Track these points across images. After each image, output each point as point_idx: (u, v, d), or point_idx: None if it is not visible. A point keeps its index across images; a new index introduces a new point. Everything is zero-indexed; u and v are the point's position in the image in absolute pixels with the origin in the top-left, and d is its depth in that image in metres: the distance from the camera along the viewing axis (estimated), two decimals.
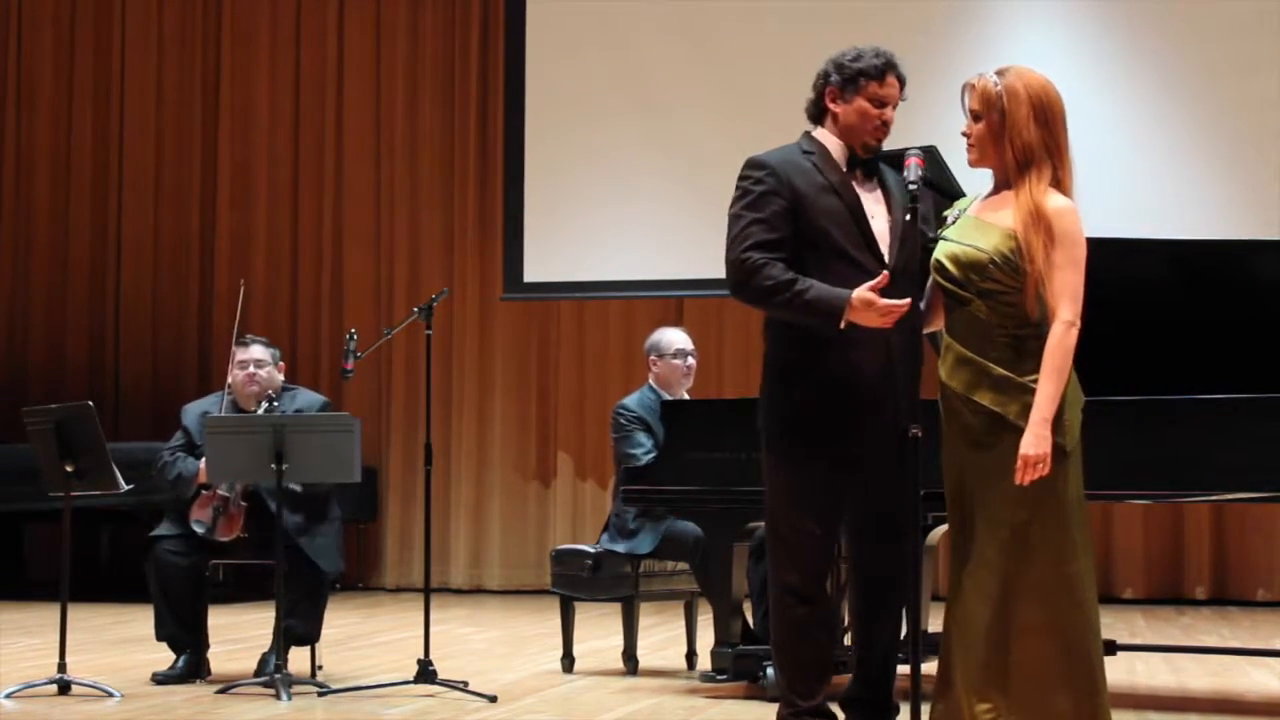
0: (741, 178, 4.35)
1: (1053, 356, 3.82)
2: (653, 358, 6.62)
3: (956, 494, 3.98)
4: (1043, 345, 3.85)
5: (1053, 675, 3.83)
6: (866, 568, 4.41)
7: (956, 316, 3.98)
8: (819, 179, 4.29)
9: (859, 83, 4.29)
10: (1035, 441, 3.78)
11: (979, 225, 3.95)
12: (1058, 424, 3.82)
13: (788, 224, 4.25)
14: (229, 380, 6.36)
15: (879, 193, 4.35)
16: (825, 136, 4.37)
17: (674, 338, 6.63)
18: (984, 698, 3.84)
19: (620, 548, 6.35)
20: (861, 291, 4.08)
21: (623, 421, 6.42)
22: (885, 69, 4.29)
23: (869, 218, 4.29)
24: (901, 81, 4.32)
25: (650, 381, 6.61)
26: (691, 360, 6.61)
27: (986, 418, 3.88)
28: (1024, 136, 3.89)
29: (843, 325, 4.11)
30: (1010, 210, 3.91)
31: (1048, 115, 3.90)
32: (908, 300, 4.02)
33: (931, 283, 4.07)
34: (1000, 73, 3.95)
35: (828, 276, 4.20)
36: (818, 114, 4.40)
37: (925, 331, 4.20)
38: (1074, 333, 3.83)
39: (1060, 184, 3.90)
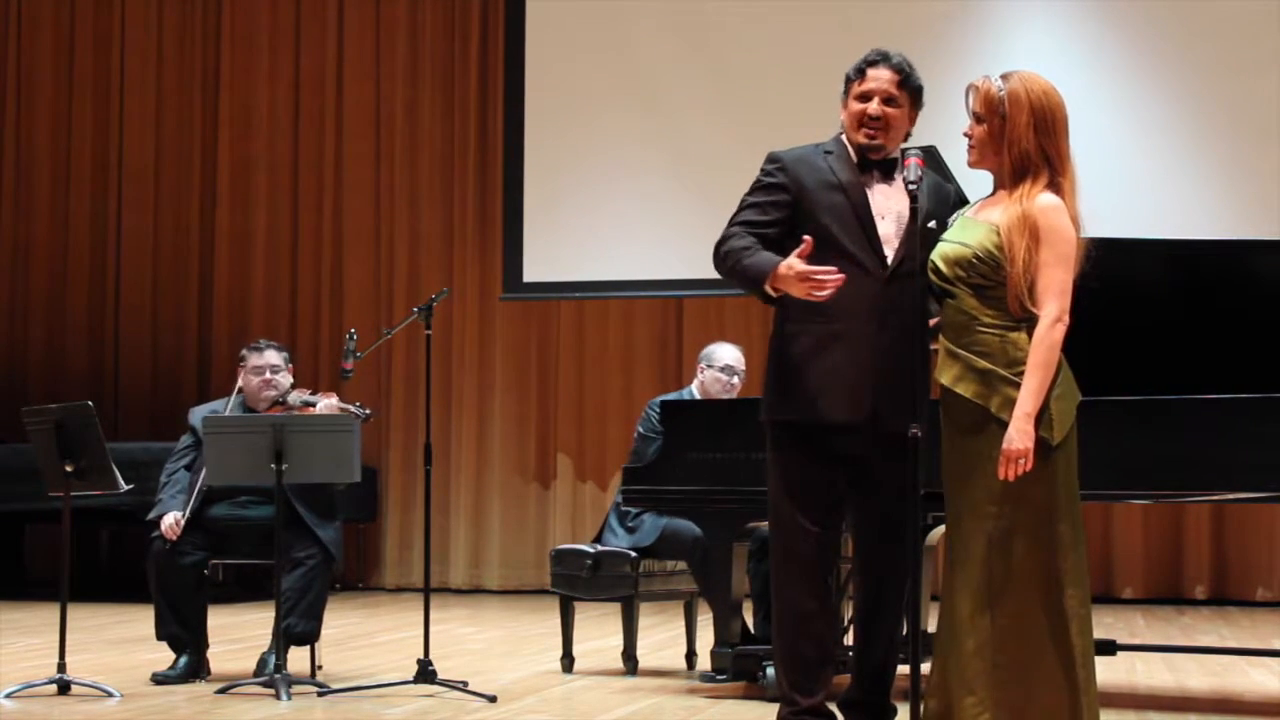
0: (760, 171, 4.45)
1: (1037, 352, 3.84)
2: (703, 365, 6.69)
3: (949, 488, 3.99)
4: (1029, 339, 3.86)
5: (1035, 671, 3.84)
6: (867, 568, 4.43)
7: (946, 311, 4.02)
8: (829, 177, 4.35)
9: (846, 88, 4.42)
10: (1017, 437, 3.79)
11: (970, 224, 4.00)
12: (1043, 418, 3.83)
13: (781, 212, 4.34)
14: (239, 383, 6.36)
15: (896, 197, 4.35)
16: (845, 138, 4.44)
17: (725, 353, 6.66)
18: (970, 691, 3.85)
19: (624, 542, 6.37)
20: (790, 259, 4.12)
21: (655, 422, 6.34)
22: (864, 65, 4.38)
23: (877, 218, 4.32)
24: (897, 70, 4.35)
25: (693, 386, 6.69)
26: (736, 380, 6.62)
27: (972, 410, 3.90)
28: (1022, 144, 3.91)
29: (771, 292, 4.16)
30: (1000, 209, 3.94)
31: (1049, 123, 3.91)
32: (840, 276, 4.05)
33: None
34: (1005, 77, 3.97)
35: None
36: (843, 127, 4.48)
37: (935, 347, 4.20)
38: (1060, 328, 3.85)
39: (1059, 190, 3.92)
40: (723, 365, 6.61)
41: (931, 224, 4.14)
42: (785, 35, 9.95)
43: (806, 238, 4.14)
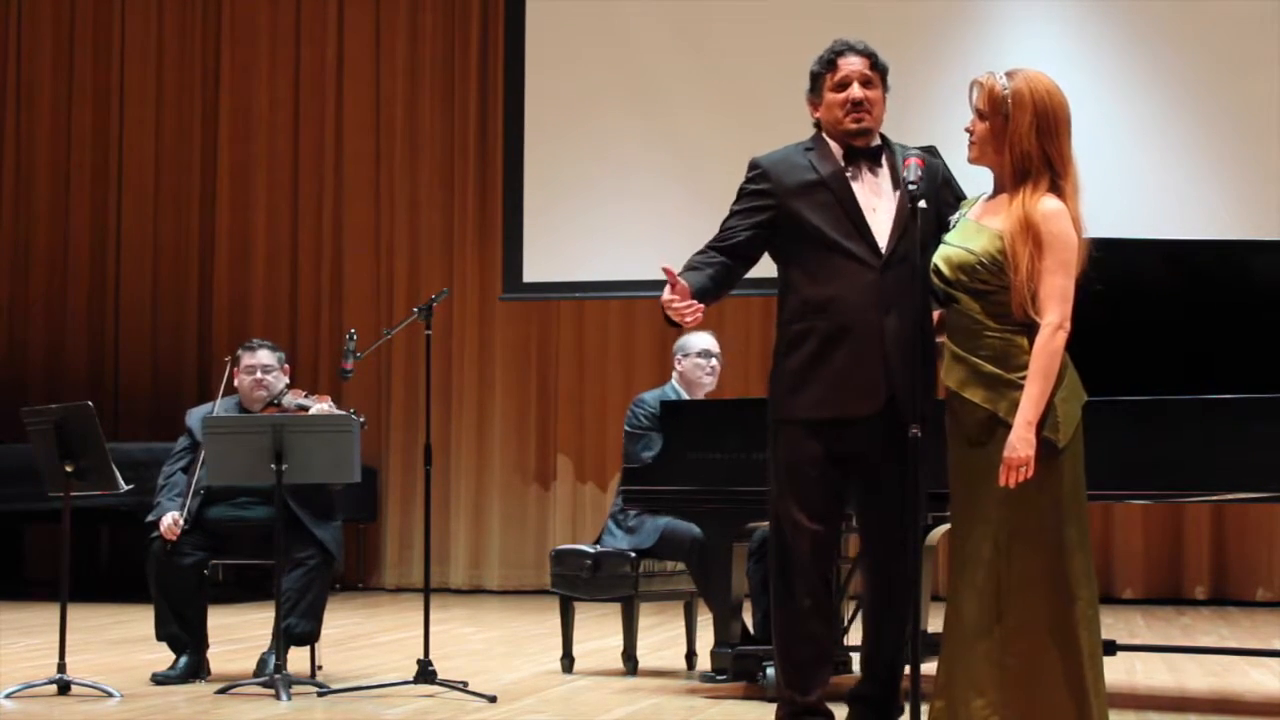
0: (744, 179, 4.48)
1: (1038, 359, 3.83)
2: (678, 357, 6.64)
3: (956, 491, 3.99)
4: (1033, 343, 3.86)
5: (1044, 673, 3.84)
6: (873, 567, 4.43)
7: (950, 315, 4.02)
8: (810, 174, 4.37)
9: (817, 82, 4.45)
10: (1018, 444, 3.79)
11: (974, 229, 3.99)
12: (1049, 421, 3.82)
13: (762, 216, 4.39)
14: (235, 384, 6.37)
15: (885, 184, 4.36)
16: (825, 134, 4.44)
17: (699, 339, 6.61)
18: (980, 693, 3.85)
19: (624, 543, 6.37)
20: (665, 290, 4.22)
21: (641, 419, 6.38)
22: (833, 56, 4.42)
23: (868, 209, 4.33)
24: (866, 55, 4.40)
25: (673, 380, 6.64)
26: (715, 362, 6.60)
27: (979, 415, 3.90)
28: (1023, 145, 3.90)
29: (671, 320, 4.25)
30: (1003, 215, 3.93)
31: (1051, 125, 3.90)
32: (697, 307, 4.17)
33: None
34: (1010, 75, 3.95)
35: (821, 267, 4.31)
36: (816, 125, 4.50)
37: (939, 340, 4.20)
38: (1061, 335, 3.85)
39: (1060, 193, 3.91)
40: (700, 350, 6.56)
41: (922, 204, 4.11)
42: (785, 36, 9.94)
43: (665, 266, 4.23)
